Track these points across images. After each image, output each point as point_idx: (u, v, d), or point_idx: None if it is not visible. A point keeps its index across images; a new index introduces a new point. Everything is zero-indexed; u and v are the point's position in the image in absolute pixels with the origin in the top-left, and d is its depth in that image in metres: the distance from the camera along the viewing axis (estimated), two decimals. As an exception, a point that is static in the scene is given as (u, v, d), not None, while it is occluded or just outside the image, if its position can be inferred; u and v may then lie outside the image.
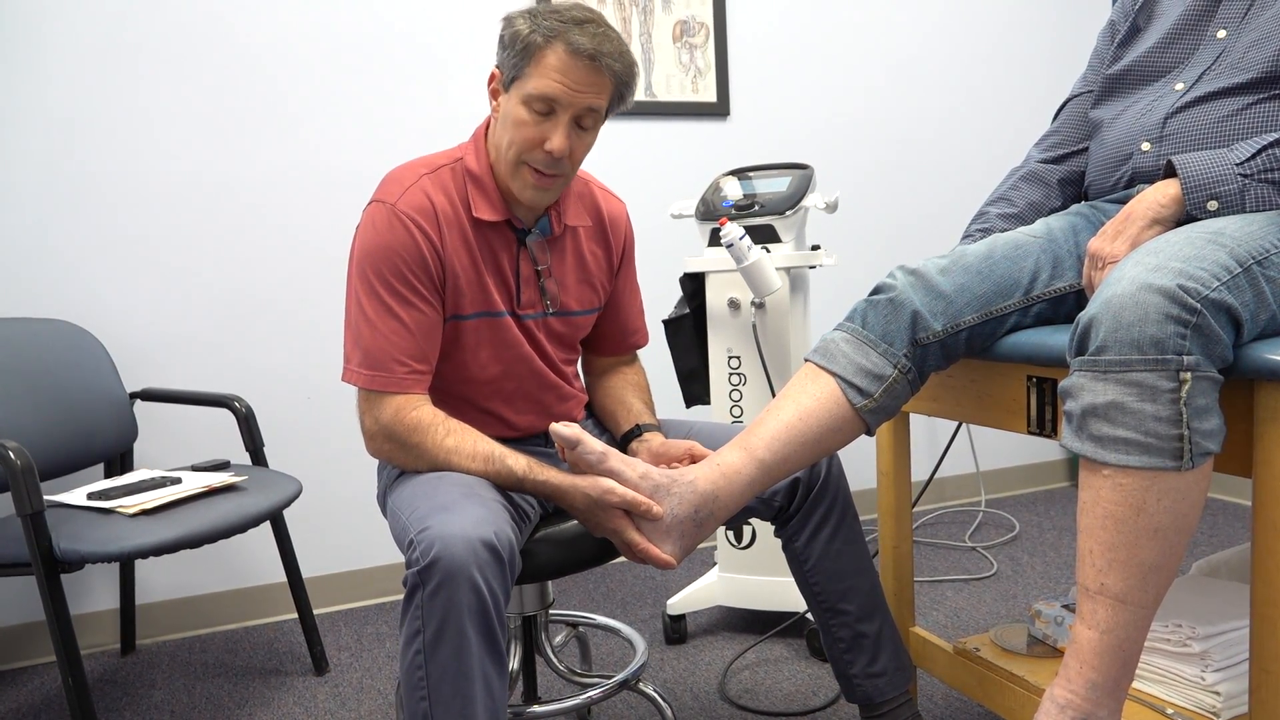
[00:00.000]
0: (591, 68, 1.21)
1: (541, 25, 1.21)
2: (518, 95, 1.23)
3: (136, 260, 2.23)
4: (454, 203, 1.29)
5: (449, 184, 1.30)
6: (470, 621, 1.04)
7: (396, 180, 1.29)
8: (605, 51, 1.21)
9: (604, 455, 1.18)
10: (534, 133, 1.23)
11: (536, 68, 1.21)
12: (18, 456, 1.56)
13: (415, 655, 1.06)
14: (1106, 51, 1.46)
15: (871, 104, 2.95)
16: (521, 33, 1.22)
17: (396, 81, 2.43)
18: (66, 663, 1.57)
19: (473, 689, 1.05)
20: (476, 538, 1.05)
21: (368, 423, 1.26)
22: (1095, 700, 0.98)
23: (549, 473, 1.22)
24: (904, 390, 1.22)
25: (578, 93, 1.22)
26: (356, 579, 2.46)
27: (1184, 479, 0.94)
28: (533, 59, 1.21)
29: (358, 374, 1.25)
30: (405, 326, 1.24)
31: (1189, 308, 0.92)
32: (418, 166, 1.31)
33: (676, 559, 1.20)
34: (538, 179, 1.27)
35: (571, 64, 1.20)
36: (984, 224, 1.48)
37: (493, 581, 1.06)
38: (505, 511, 1.16)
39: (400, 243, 1.24)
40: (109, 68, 2.18)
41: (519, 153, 1.25)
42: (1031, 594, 2.28)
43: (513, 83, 1.24)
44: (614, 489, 1.16)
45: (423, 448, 1.24)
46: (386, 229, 1.25)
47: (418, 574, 1.05)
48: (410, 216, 1.25)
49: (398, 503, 1.23)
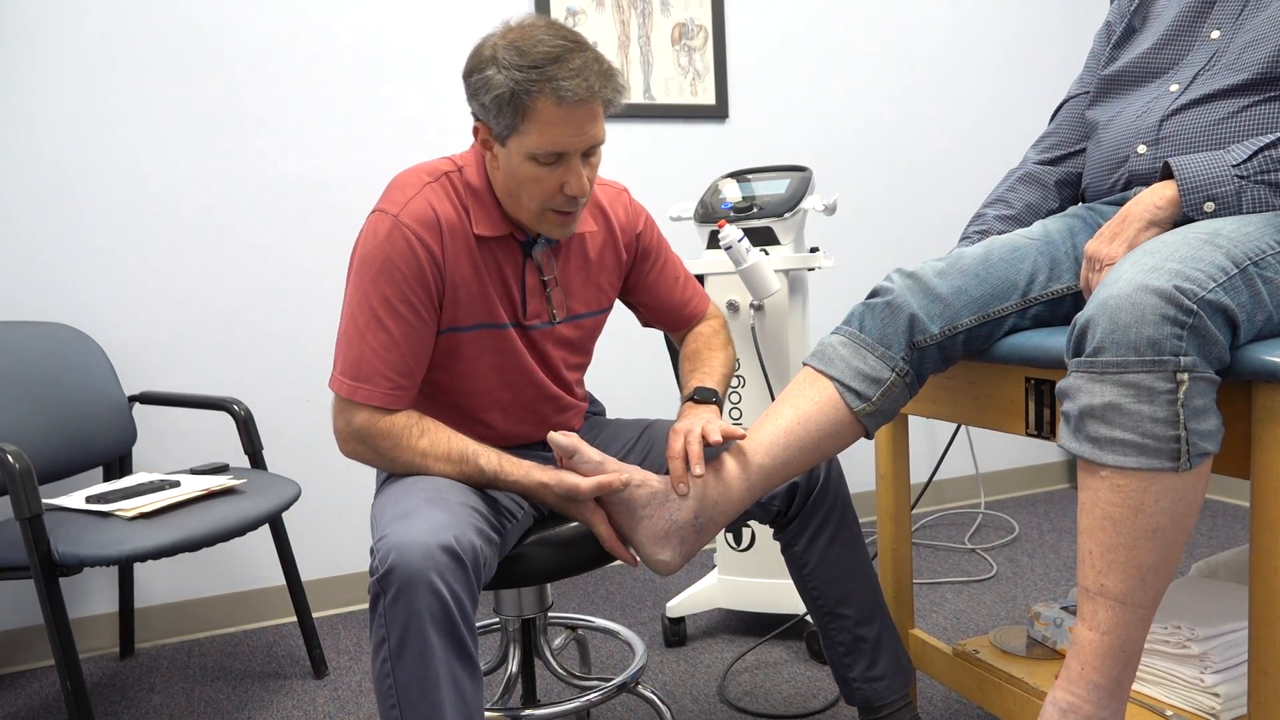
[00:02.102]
0: (586, 108, 1.17)
1: (518, 77, 1.14)
2: (520, 151, 1.19)
3: (135, 264, 2.23)
4: (458, 213, 1.27)
5: (452, 193, 1.27)
6: (433, 626, 1.04)
7: (400, 188, 1.26)
8: (595, 89, 1.16)
9: (600, 464, 1.19)
10: (550, 183, 1.20)
11: (531, 124, 1.16)
12: (16, 460, 1.56)
13: (382, 663, 1.07)
14: (1103, 53, 1.47)
15: (870, 106, 2.95)
16: (503, 93, 1.15)
17: (395, 87, 2.43)
18: (65, 666, 1.57)
19: (440, 693, 1.05)
20: (434, 543, 1.05)
21: (339, 424, 1.25)
22: (1097, 702, 0.98)
23: (518, 472, 1.23)
24: (902, 393, 1.22)
25: (580, 136, 1.18)
26: (355, 582, 2.46)
27: (1182, 480, 0.94)
28: (524, 115, 1.16)
29: (340, 382, 1.24)
30: (393, 340, 1.22)
31: (1185, 309, 0.92)
32: (421, 174, 1.28)
33: (676, 564, 1.20)
34: (562, 219, 1.25)
35: (567, 113, 1.16)
36: (981, 226, 1.48)
37: (454, 585, 1.06)
38: (473, 515, 1.15)
39: (399, 255, 1.22)
40: (108, 72, 2.19)
41: (541, 204, 1.23)
42: (1031, 596, 2.28)
43: (508, 138, 1.19)
44: (577, 485, 1.18)
45: (396, 451, 1.23)
46: (386, 240, 1.22)
47: (377, 582, 1.06)
48: (412, 229, 1.22)
49: (374, 508, 1.24)
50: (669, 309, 1.51)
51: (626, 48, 2.64)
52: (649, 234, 1.47)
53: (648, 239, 1.46)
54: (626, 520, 1.21)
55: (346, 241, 2.40)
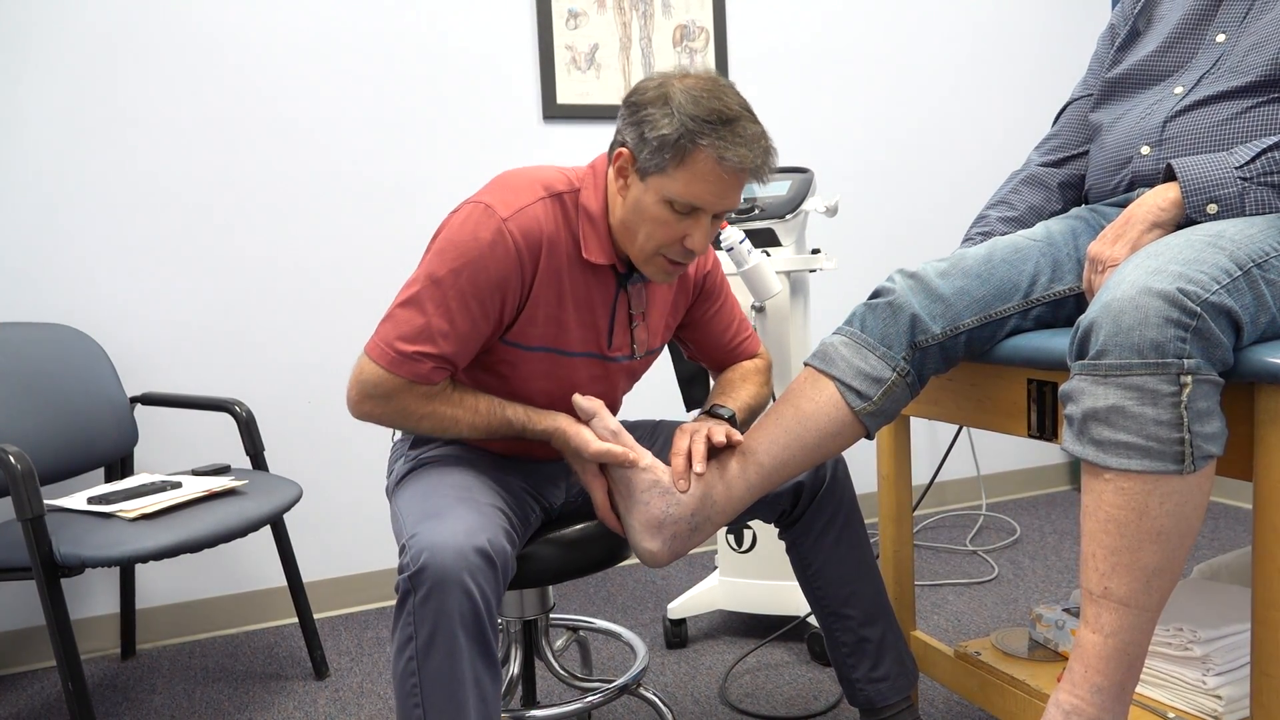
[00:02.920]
0: (739, 177, 1.17)
1: (689, 126, 1.13)
2: (658, 191, 1.17)
3: (137, 264, 2.24)
4: (562, 235, 1.24)
5: (560, 213, 1.24)
6: (462, 627, 1.04)
7: (513, 190, 1.22)
8: (754, 164, 1.16)
9: (616, 434, 1.22)
10: (675, 231, 1.19)
11: (683, 171, 1.15)
12: (18, 461, 1.56)
13: (408, 662, 1.06)
14: (1106, 55, 1.46)
15: (871, 108, 2.95)
16: (669, 134, 1.14)
17: (400, 85, 2.43)
18: (66, 667, 1.57)
19: (465, 694, 1.05)
20: (468, 544, 1.05)
21: (368, 382, 1.19)
22: (1100, 704, 0.98)
23: (545, 419, 1.25)
24: (903, 393, 1.22)
25: (723, 199, 1.18)
26: (357, 583, 2.46)
27: (1186, 482, 0.94)
28: (680, 162, 1.15)
29: (384, 352, 1.18)
30: (454, 331, 1.19)
31: (1189, 311, 0.92)
32: (536, 185, 1.24)
33: (664, 557, 1.21)
34: (672, 266, 1.24)
35: (720, 176, 1.15)
36: (984, 227, 1.48)
37: (485, 587, 1.06)
38: (501, 516, 1.16)
39: (495, 258, 1.18)
40: (110, 72, 2.19)
41: (658, 248, 1.21)
42: (1033, 598, 2.28)
43: (650, 174, 1.17)
44: (587, 443, 1.21)
45: (426, 409, 1.21)
46: (488, 239, 1.18)
47: (409, 580, 1.05)
48: (515, 238, 1.19)
49: (398, 503, 1.24)
50: (719, 350, 1.50)
51: (628, 49, 2.64)
52: (715, 274, 1.46)
53: (713, 280, 1.46)
54: (624, 500, 1.22)
55: (348, 243, 2.40)
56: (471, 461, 1.30)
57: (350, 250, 2.40)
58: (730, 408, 1.36)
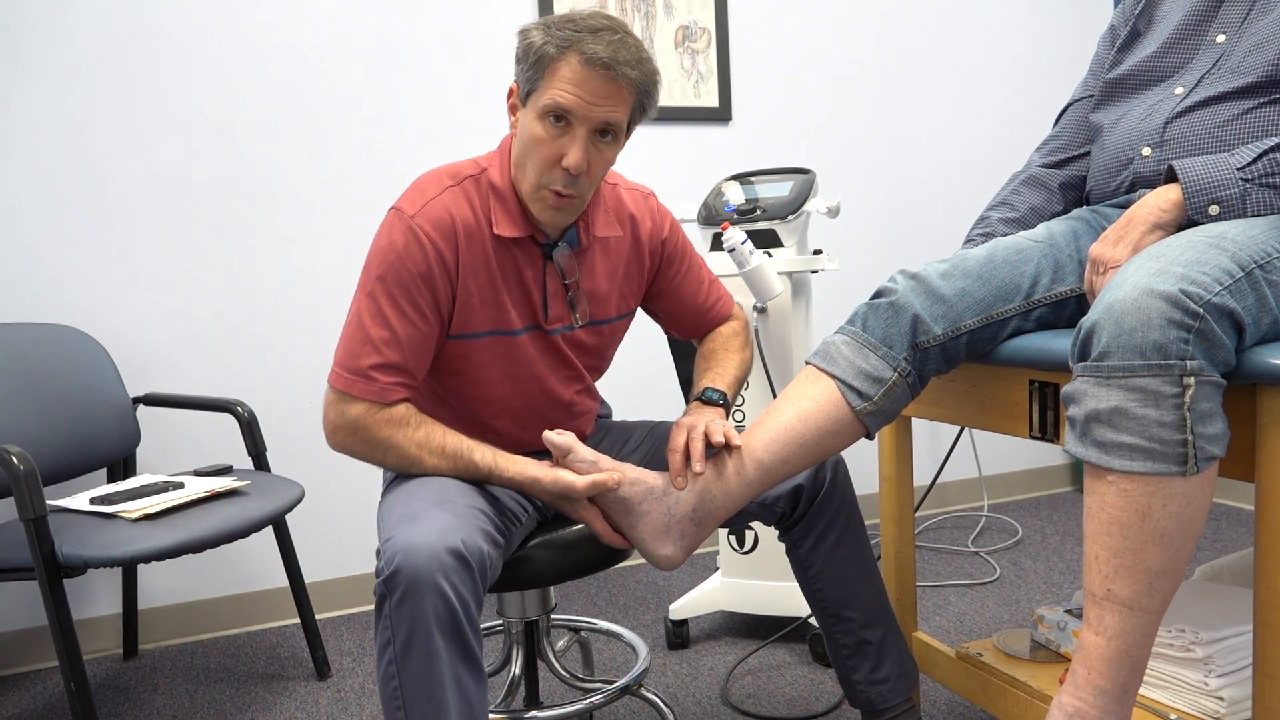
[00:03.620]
0: (607, 77, 1.15)
1: (555, 35, 1.16)
2: (533, 109, 1.19)
3: (139, 265, 2.24)
4: (476, 217, 1.25)
5: (473, 196, 1.26)
6: (438, 629, 1.04)
7: (420, 189, 1.25)
8: (621, 60, 1.15)
9: (595, 463, 1.20)
10: (551, 149, 1.18)
11: (550, 79, 1.16)
12: (20, 461, 1.57)
13: (388, 665, 1.06)
14: (1107, 56, 1.46)
15: (873, 108, 2.95)
16: (535, 44, 1.17)
17: (403, 87, 2.43)
18: (69, 667, 1.57)
19: (446, 696, 1.05)
20: (441, 545, 1.05)
21: (332, 415, 1.23)
22: (1104, 707, 0.98)
23: (513, 469, 1.23)
24: (904, 394, 1.22)
25: (593, 104, 1.16)
26: (359, 584, 2.46)
27: (1189, 484, 0.94)
28: (546, 70, 1.16)
29: (338, 375, 1.23)
30: (396, 338, 1.21)
31: (1191, 312, 0.92)
32: (443, 177, 1.27)
33: (679, 558, 1.21)
34: (556, 200, 1.22)
35: (586, 74, 1.15)
36: (985, 228, 1.48)
37: (461, 588, 1.05)
38: (480, 517, 1.16)
39: (410, 256, 1.21)
40: (112, 73, 2.19)
41: (539, 174, 1.21)
42: (1034, 599, 2.28)
43: (528, 96, 1.20)
44: (572, 484, 1.19)
45: (392, 441, 1.22)
46: (400, 240, 1.22)
47: (383, 584, 1.05)
48: (426, 232, 1.21)
49: (380, 511, 1.24)
50: (693, 315, 1.49)
51: (630, 50, 2.64)
52: (674, 238, 1.44)
53: (673, 244, 1.44)
54: (625, 518, 1.21)
55: (350, 243, 2.40)
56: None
57: (352, 251, 2.40)
58: (719, 387, 1.36)
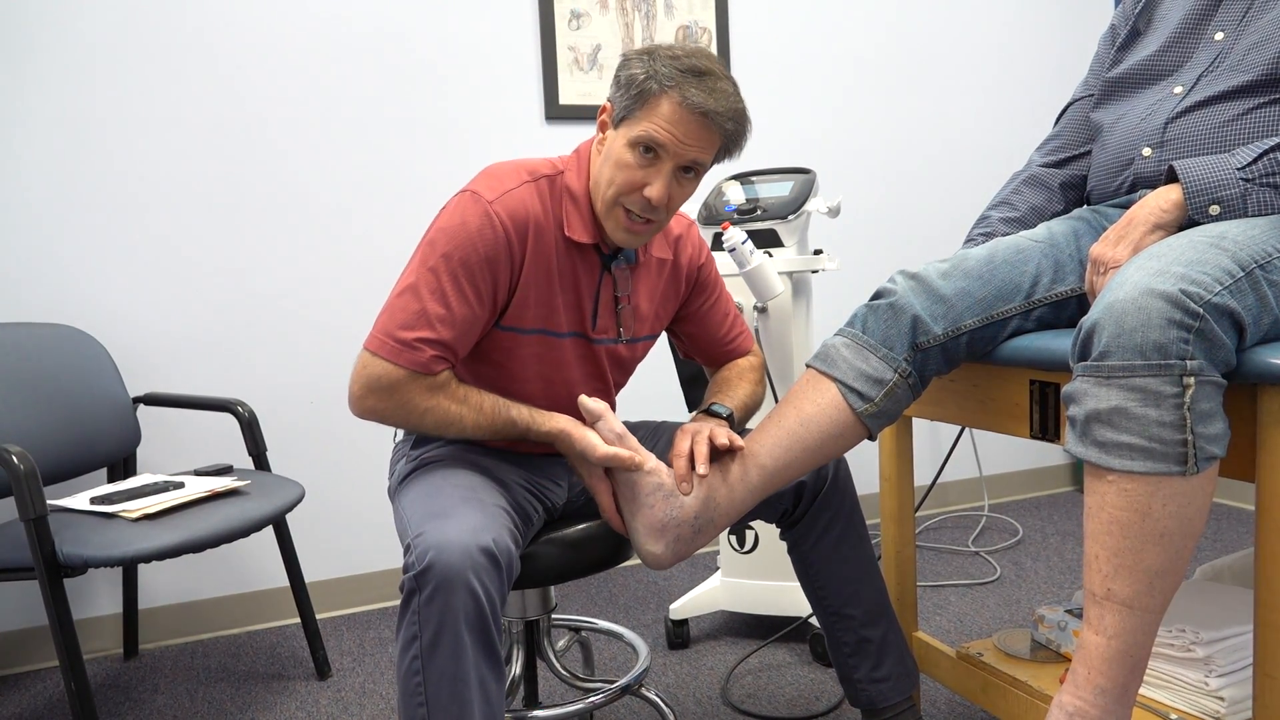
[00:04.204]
0: (703, 124, 1.19)
1: (659, 72, 1.19)
2: (625, 136, 1.21)
3: (140, 265, 2.24)
4: (548, 216, 1.27)
5: (546, 195, 1.27)
6: (467, 627, 1.05)
7: (497, 177, 1.26)
8: (719, 111, 1.19)
9: (621, 437, 1.22)
10: (636, 176, 1.21)
11: (648, 113, 1.19)
12: (21, 461, 1.57)
13: (412, 661, 1.06)
14: (1107, 55, 1.46)
15: (874, 108, 2.95)
16: (637, 77, 1.19)
17: (403, 86, 2.43)
18: (69, 667, 1.57)
19: (469, 694, 1.05)
20: (474, 544, 1.05)
21: (367, 377, 1.19)
22: (1104, 707, 0.98)
23: (550, 422, 1.25)
24: (905, 395, 1.22)
25: (685, 145, 1.20)
26: (359, 583, 2.46)
27: (1189, 484, 0.94)
28: (645, 104, 1.19)
29: (382, 342, 1.19)
30: (451, 315, 1.20)
31: (1192, 312, 0.92)
32: (520, 170, 1.28)
33: (667, 560, 1.21)
34: (630, 223, 1.25)
35: (684, 116, 1.18)
36: (986, 228, 1.48)
37: (490, 587, 1.06)
38: (505, 516, 1.17)
39: (483, 239, 1.21)
40: (111, 72, 2.19)
41: (618, 193, 1.23)
42: (1035, 599, 2.28)
43: (622, 122, 1.22)
44: (594, 446, 1.20)
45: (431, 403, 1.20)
46: (475, 222, 1.21)
47: (414, 579, 1.05)
48: (501, 219, 1.22)
49: (402, 503, 1.24)
50: (713, 345, 1.52)
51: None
52: (709, 267, 1.48)
53: (707, 273, 1.47)
54: (629, 503, 1.22)
55: (351, 243, 2.40)
56: (474, 461, 1.30)
57: (353, 251, 2.40)
58: (728, 405, 1.36)
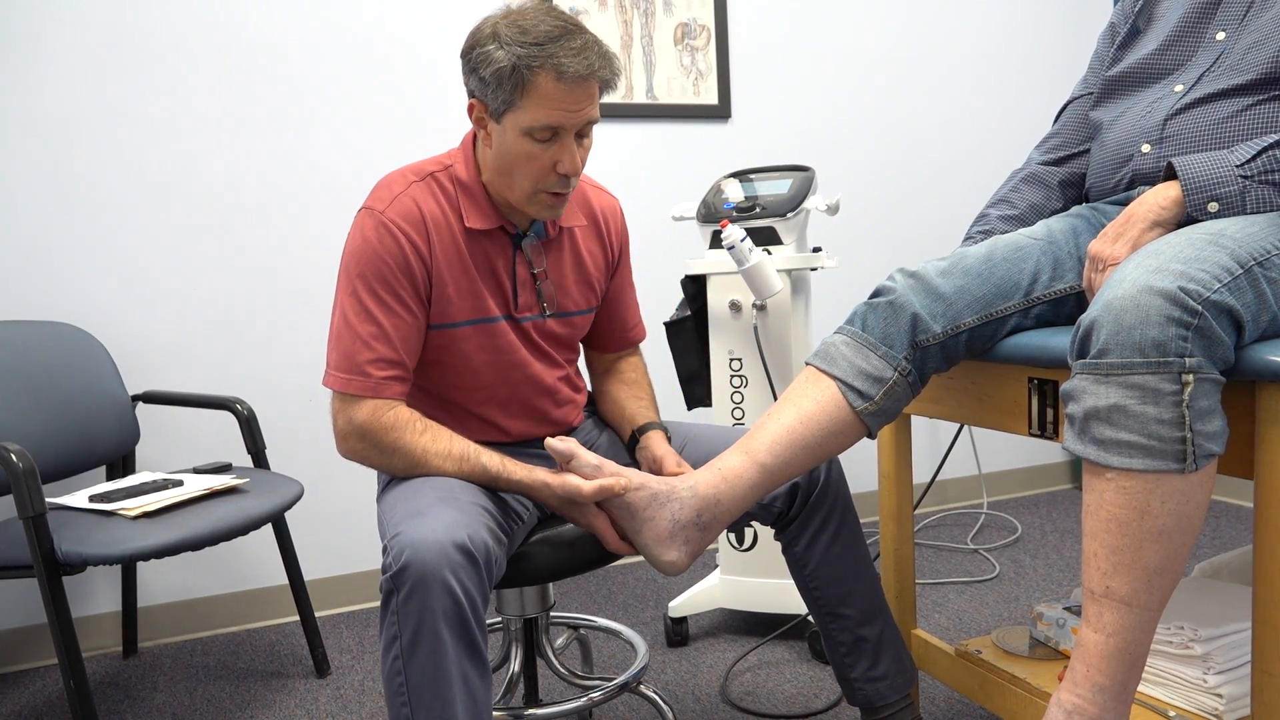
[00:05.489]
0: (584, 85, 1.19)
1: (519, 53, 1.16)
2: (515, 128, 1.21)
3: (138, 263, 2.24)
4: (444, 210, 1.29)
5: (439, 191, 1.30)
6: (445, 625, 1.05)
7: (386, 187, 1.29)
8: (594, 68, 1.19)
9: (598, 467, 1.21)
10: (544, 161, 1.22)
11: (529, 99, 1.18)
12: (20, 459, 1.57)
13: (394, 661, 1.07)
14: (1107, 54, 1.46)
15: (873, 106, 2.95)
16: (503, 67, 1.17)
17: (397, 86, 2.43)
18: (68, 665, 1.57)
19: (452, 692, 1.05)
20: (449, 541, 1.05)
21: (340, 422, 1.26)
22: (1102, 704, 0.98)
23: (521, 471, 1.24)
24: (904, 393, 1.22)
25: (575, 112, 1.20)
26: (358, 581, 2.46)
27: (1188, 481, 0.94)
28: (523, 90, 1.18)
29: (334, 377, 1.25)
30: (383, 331, 1.24)
31: (1190, 310, 0.92)
32: (407, 174, 1.30)
33: (684, 563, 1.20)
34: (554, 199, 1.27)
35: (565, 89, 1.18)
36: (985, 226, 1.48)
37: (468, 584, 1.06)
38: (484, 514, 1.16)
39: (386, 249, 1.24)
40: (109, 71, 2.19)
41: (534, 182, 1.24)
42: (1033, 596, 2.28)
43: (505, 114, 1.21)
44: (579, 488, 1.19)
45: (399, 444, 1.23)
46: (374, 236, 1.25)
47: (390, 579, 1.06)
48: (397, 224, 1.25)
49: (383, 505, 1.24)
50: (619, 327, 1.54)
51: (629, 48, 2.64)
52: (627, 247, 1.51)
53: (626, 252, 1.51)
54: (630, 523, 1.21)
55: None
56: None
57: (351, 249, 2.40)
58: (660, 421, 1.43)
